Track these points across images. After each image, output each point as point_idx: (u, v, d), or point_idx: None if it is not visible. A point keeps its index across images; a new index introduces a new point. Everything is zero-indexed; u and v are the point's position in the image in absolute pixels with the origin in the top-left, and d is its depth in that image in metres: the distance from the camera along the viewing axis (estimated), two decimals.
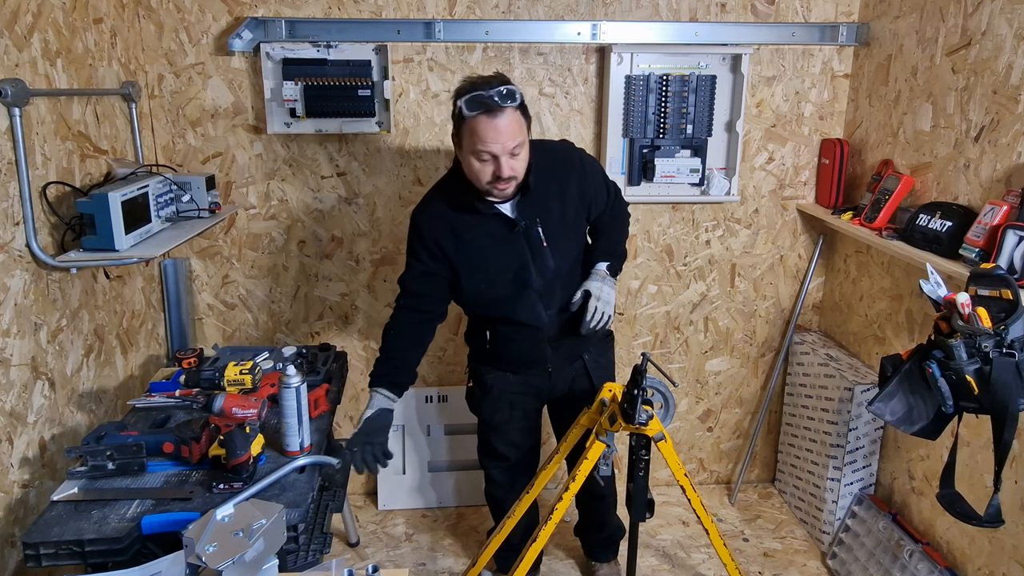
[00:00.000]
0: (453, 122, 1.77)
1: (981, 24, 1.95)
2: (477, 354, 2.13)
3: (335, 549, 2.55)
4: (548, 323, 1.97)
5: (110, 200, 1.78)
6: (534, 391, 2.11)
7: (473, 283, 1.91)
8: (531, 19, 2.43)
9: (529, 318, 1.95)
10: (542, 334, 1.98)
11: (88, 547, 1.40)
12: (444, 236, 1.88)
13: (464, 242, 1.87)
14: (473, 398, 2.17)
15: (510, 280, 1.90)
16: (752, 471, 3.00)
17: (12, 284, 1.66)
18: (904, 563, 2.20)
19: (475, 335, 2.09)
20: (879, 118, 2.42)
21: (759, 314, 2.82)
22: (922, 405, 1.67)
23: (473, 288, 1.92)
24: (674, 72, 2.47)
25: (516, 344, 2.01)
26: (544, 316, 1.96)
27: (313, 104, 2.37)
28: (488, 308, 1.99)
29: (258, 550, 1.14)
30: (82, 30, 1.98)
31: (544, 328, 1.97)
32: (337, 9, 2.37)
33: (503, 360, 2.06)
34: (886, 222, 2.22)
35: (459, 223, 1.87)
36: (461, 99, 1.71)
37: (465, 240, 1.87)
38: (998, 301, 1.57)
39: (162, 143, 2.43)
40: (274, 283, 2.62)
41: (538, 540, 1.98)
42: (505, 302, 1.94)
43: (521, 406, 2.13)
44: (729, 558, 2.08)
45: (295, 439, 1.70)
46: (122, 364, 2.18)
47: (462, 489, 2.83)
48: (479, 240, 1.87)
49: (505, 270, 1.90)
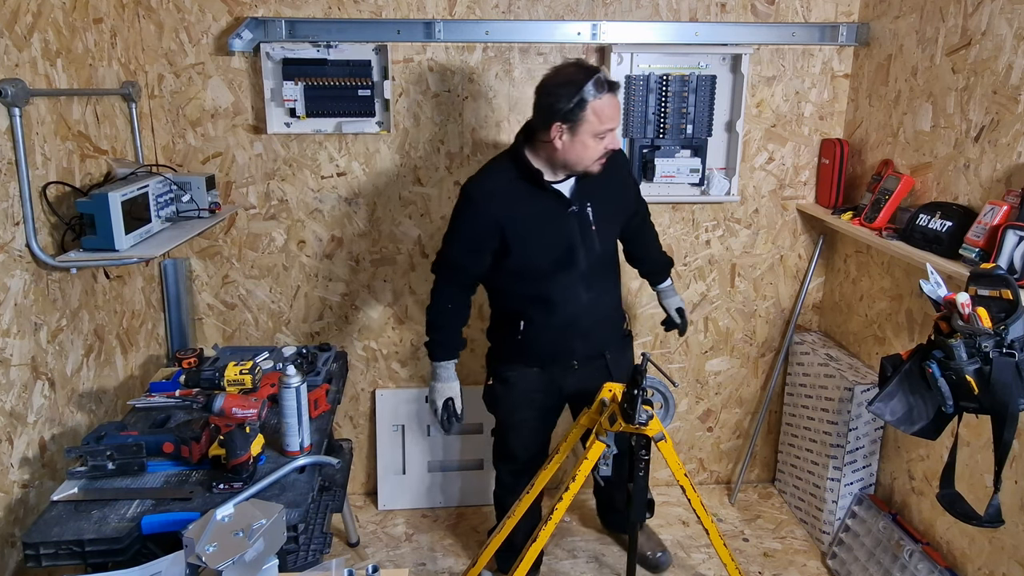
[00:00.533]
0: (557, 110, 1.83)
1: (981, 24, 1.95)
2: (502, 349, 2.16)
3: (335, 549, 2.55)
4: (583, 308, 2.04)
5: (110, 200, 1.78)
6: (556, 388, 2.13)
7: (523, 256, 1.97)
8: (531, 19, 2.43)
9: (568, 299, 2.02)
10: (576, 321, 2.05)
11: (88, 547, 1.40)
12: (500, 208, 1.94)
13: (520, 216, 1.94)
14: (493, 396, 2.19)
15: (558, 257, 1.98)
16: (752, 471, 3.00)
17: (12, 284, 1.66)
18: (904, 563, 2.20)
19: (504, 327, 2.12)
20: (879, 118, 2.42)
21: (759, 314, 2.82)
22: (922, 405, 1.67)
23: (522, 261, 1.98)
24: (674, 72, 2.47)
25: (547, 334, 2.06)
26: (584, 298, 2.03)
27: (313, 104, 2.38)
28: (531, 285, 2.02)
29: (258, 550, 1.14)
30: (82, 30, 1.98)
31: (580, 313, 2.04)
32: (337, 9, 2.37)
33: (530, 353, 2.09)
34: (886, 222, 2.22)
35: (516, 198, 1.95)
36: (584, 86, 1.79)
37: (521, 214, 1.94)
38: (998, 301, 1.57)
39: (162, 143, 2.43)
40: (274, 283, 2.62)
41: (538, 540, 1.99)
42: (549, 280, 2.00)
43: (540, 404, 2.15)
44: (729, 558, 2.08)
45: (295, 439, 1.70)
46: (122, 364, 2.18)
47: (462, 489, 2.83)
48: (534, 215, 1.95)
49: (555, 247, 1.97)
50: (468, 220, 1.98)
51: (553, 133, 1.86)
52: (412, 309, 2.69)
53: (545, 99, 1.87)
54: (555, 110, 1.83)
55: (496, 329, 2.17)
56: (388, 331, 2.71)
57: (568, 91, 1.81)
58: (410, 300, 2.68)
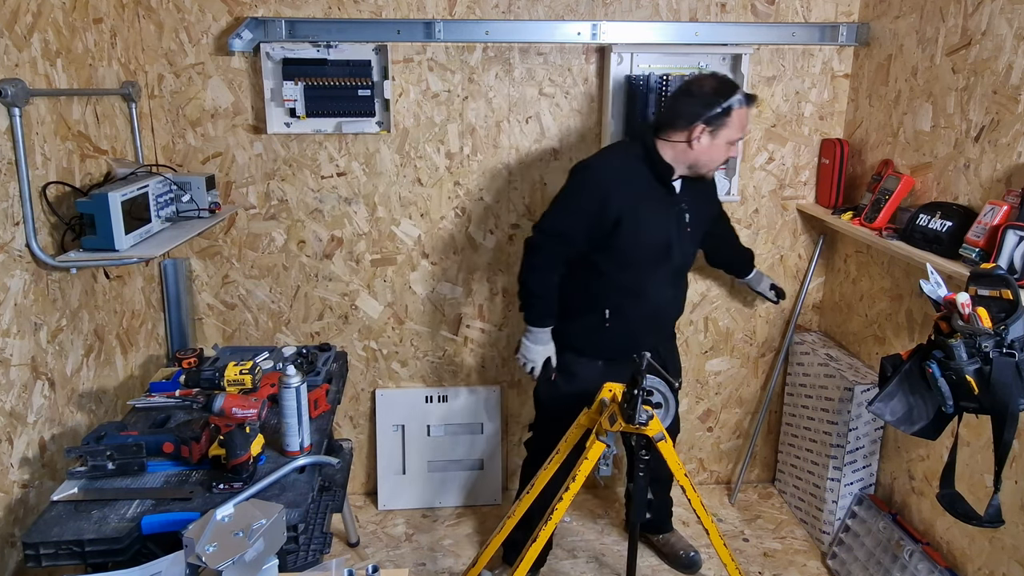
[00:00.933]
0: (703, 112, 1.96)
1: (981, 24, 1.95)
2: (577, 339, 2.19)
3: (335, 549, 2.55)
4: (666, 303, 2.21)
5: (110, 200, 1.78)
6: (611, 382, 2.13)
7: (630, 244, 2.05)
8: (531, 19, 2.43)
9: (657, 292, 2.15)
10: (657, 315, 2.20)
11: (88, 547, 1.40)
12: (618, 187, 2.03)
13: (636, 204, 2.03)
14: (552, 389, 2.21)
15: (658, 250, 2.10)
16: (752, 471, 3.00)
17: (12, 284, 1.66)
18: (904, 563, 2.20)
19: (586, 315, 2.15)
20: (879, 118, 2.42)
21: (759, 314, 2.82)
22: (922, 405, 1.67)
23: (628, 249, 2.06)
24: (674, 72, 2.47)
25: (631, 326, 2.14)
26: (668, 294, 2.19)
27: (313, 104, 2.38)
28: (627, 274, 2.10)
29: (258, 550, 1.14)
30: (82, 30, 1.98)
31: (662, 308, 2.20)
32: (337, 9, 2.37)
33: (607, 344, 2.15)
34: (886, 222, 2.22)
35: (637, 186, 2.05)
36: (734, 95, 1.96)
37: (638, 202, 2.03)
38: (998, 301, 1.57)
39: (162, 143, 2.43)
40: (274, 283, 2.62)
41: (538, 540, 1.99)
42: (644, 271, 2.11)
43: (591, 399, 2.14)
44: (729, 558, 2.08)
45: (295, 439, 1.70)
46: (122, 364, 2.18)
47: (462, 489, 2.83)
48: (647, 203, 2.05)
49: (657, 238, 2.08)
50: (589, 195, 2.04)
51: (694, 133, 1.98)
52: (412, 309, 2.69)
53: (692, 100, 2.00)
54: (701, 112, 1.97)
55: (574, 318, 2.17)
56: (388, 331, 2.71)
57: (718, 97, 1.97)
58: (410, 300, 2.68)
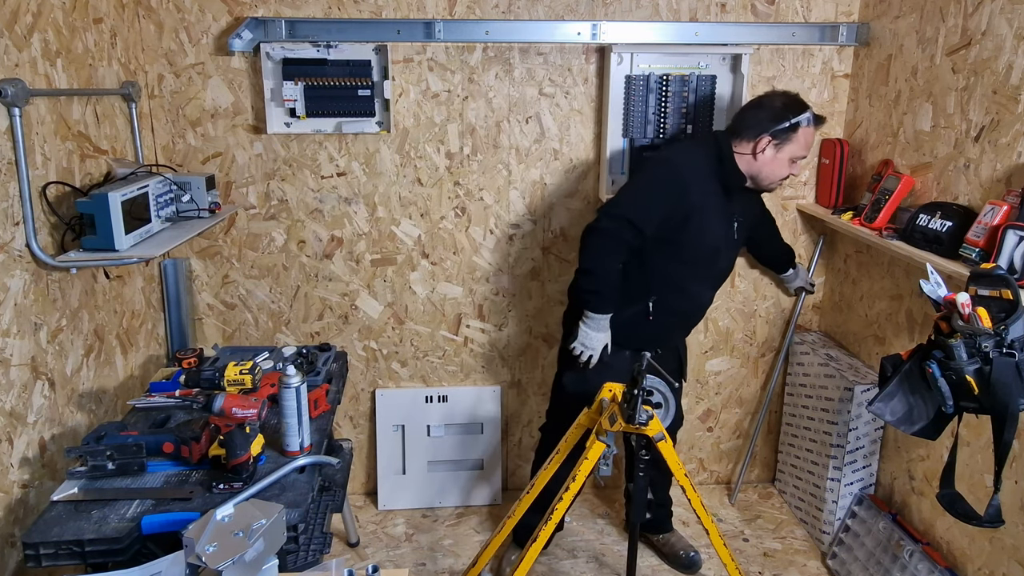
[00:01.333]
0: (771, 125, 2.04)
1: (981, 24, 1.95)
2: (618, 330, 2.18)
3: (335, 549, 2.55)
4: (701, 305, 2.30)
5: (110, 200, 1.78)
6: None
7: (692, 243, 2.11)
8: (531, 19, 2.43)
9: (698, 293, 2.25)
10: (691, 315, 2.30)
11: (88, 547, 1.40)
12: (695, 185, 2.08)
13: (704, 206, 2.09)
14: (582, 378, 2.21)
15: (710, 254, 2.18)
16: (752, 471, 3.00)
17: (12, 284, 1.66)
18: (904, 563, 2.20)
19: (631, 304, 2.17)
20: (879, 118, 2.42)
21: (759, 314, 2.82)
22: (922, 405, 1.67)
23: (688, 247, 2.12)
24: (674, 72, 2.47)
25: (669, 320, 2.23)
26: (705, 297, 2.29)
27: (313, 104, 2.38)
28: (680, 270, 2.16)
29: (258, 550, 1.14)
30: (82, 30, 1.98)
31: (698, 308, 2.30)
32: (337, 9, 2.37)
33: (642, 334, 2.19)
34: (886, 222, 2.22)
35: (709, 189, 2.11)
36: (803, 113, 2.05)
37: (704, 200, 2.09)
38: (998, 301, 1.57)
39: (162, 143, 2.43)
40: (274, 283, 2.62)
41: (538, 540, 1.98)
42: (693, 271, 2.18)
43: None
44: (729, 558, 2.08)
45: (295, 439, 1.70)
46: (122, 364, 2.18)
47: (462, 489, 2.84)
48: (713, 208, 2.11)
49: (714, 242, 2.16)
50: (669, 188, 2.08)
51: (760, 145, 2.06)
52: (412, 309, 2.69)
53: (762, 112, 2.07)
54: (769, 125, 2.04)
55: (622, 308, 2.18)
56: (388, 331, 2.71)
57: (788, 112, 2.04)
58: (410, 300, 2.68)
